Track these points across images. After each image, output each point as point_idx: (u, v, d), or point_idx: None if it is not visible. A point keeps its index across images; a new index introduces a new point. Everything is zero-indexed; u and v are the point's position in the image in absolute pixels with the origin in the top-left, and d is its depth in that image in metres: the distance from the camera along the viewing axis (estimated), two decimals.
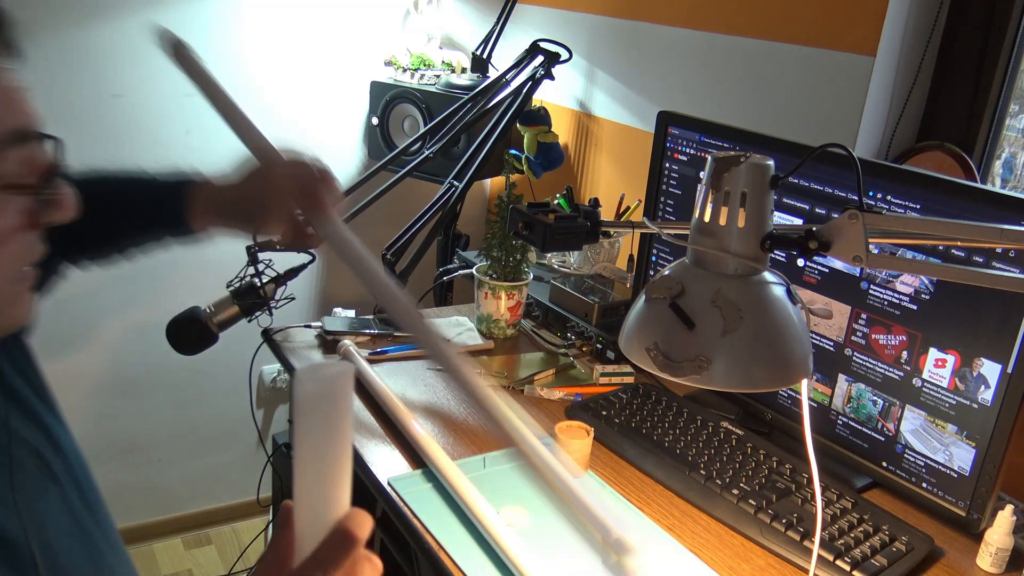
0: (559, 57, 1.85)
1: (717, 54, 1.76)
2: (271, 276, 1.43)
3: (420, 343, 0.55)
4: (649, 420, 1.29)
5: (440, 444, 1.20)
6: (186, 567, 2.36)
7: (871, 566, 1.00)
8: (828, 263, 1.21)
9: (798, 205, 1.23)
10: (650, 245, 1.49)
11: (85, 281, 2.09)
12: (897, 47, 1.48)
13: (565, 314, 1.61)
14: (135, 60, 1.97)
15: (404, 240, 1.60)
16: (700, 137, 1.37)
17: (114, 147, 2.02)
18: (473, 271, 1.60)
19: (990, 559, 1.05)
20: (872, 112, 1.50)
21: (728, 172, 0.73)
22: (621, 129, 2.05)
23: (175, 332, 1.36)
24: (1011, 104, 1.45)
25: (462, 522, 1.06)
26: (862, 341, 1.18)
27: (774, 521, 1.07)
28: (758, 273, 0.76)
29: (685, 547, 1.05)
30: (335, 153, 2.34)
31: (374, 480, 1.15)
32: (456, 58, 2.29)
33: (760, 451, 1.21)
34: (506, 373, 1.47)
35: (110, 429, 2.25)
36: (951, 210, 1.06)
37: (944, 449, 1.10)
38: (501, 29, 2.21)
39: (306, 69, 2.21)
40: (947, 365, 1.09)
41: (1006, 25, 1.41)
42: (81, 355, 2.15)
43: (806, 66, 1.57)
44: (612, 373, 1.46)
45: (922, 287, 1.10)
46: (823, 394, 1.24)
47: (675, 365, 0.74)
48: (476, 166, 1.69)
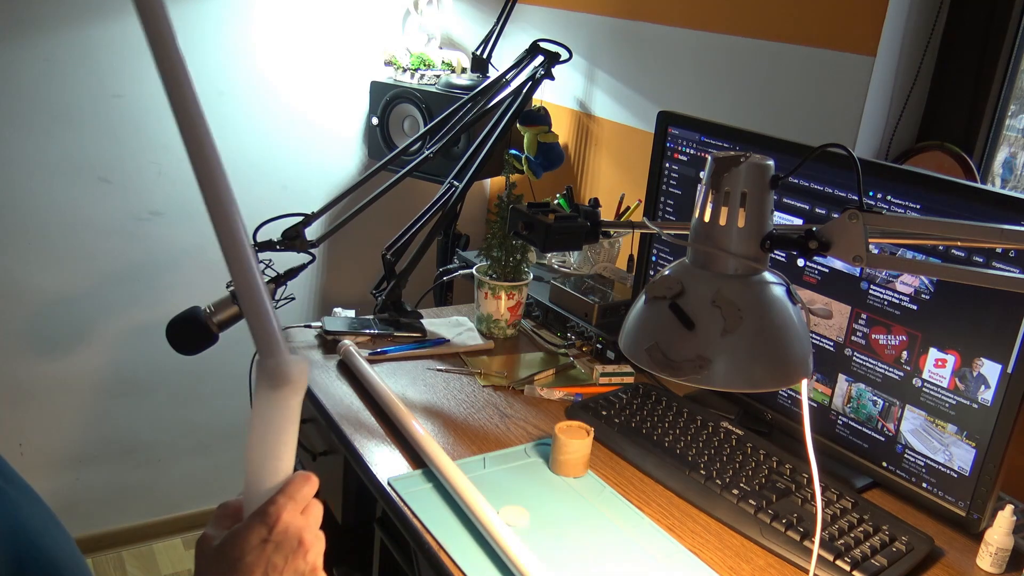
0: (559, 57, 1.84)
1: (718, 54, 1.76)
2: (271, 276, 1.43)
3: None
4: (649, 420, 1.29)
5: (440, 444, 1.20)
6: (186, 567, 2.36)
7: (871, 566, 1.00)
8: (828, 263, 1.21)
9: (798, 205, 1.23)
10: (650, 245, 1.49)
11: (85, 281, 2.11)
12: (897, 47, 1.48)
13: (565, 314, 1.61)
14: (135, 60, 1.98)
15: (404, 240, 1.60)
16: (700, 137, 1.37)
17: (114, 147, 2.02)
18: (473, 271, 1.60)
19: (990, 559, 1.05)
20: (872, 112, 1.50)
21: (728, 172, 0.74)
22: (621, 129, 2.05)
23: (175, 332, 1.36)
24: (1011, 104, 1.45)
25: (462, 522, 1.06)
26: (862, 341, 1.18)
27: (774, 521, 1.07)
28: (758, 273, 0.76)
29: (685, 547, 1.05)
30: (335, 153, 2.34)
31: (374, 480, 1.15)
32: (456, 58, 2.29)
33: (760, 451, 1.21)
34: (506, 373, 1.47)
35: (110, 429, 2.25)
36: (951, 210, 1.06)
37: (944, 449, 1.10)
38: (501, 29, 2.21)
39: (306, 69, 2.21)
40: (947, 365, 1.09)
41: (1006, 25, 1.41)
42: (81, 355, 2.15)
43: (806, 66, 1.57)
44: (612, 373, 1.46)
45: (922, 287, 1.10)
46: (823, 394, 1.24)
47: (675, 365, 0.74)
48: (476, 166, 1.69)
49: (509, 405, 1.37)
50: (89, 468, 2.26)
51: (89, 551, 2.31)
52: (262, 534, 0.64)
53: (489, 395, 1.40)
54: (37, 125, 1.93)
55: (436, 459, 1.14)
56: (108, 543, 2.36)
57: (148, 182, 2.09)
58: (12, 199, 1.95)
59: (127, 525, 2.38)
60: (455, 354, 1.53)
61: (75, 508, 2.26)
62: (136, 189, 2.08)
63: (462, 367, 1.48)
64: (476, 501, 1.05)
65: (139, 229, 2.12)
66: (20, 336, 2.06)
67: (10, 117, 1.89)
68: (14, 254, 1.99)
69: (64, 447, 2.20)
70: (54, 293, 2.07)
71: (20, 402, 2.11)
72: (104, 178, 2.04)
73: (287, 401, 0.64)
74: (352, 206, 1.59)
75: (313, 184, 2.32)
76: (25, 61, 1.87)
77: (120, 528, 2.37)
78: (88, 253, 2.08)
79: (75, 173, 2.00)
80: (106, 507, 2.32)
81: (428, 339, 1.55)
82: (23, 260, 2.01)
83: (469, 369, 1.48)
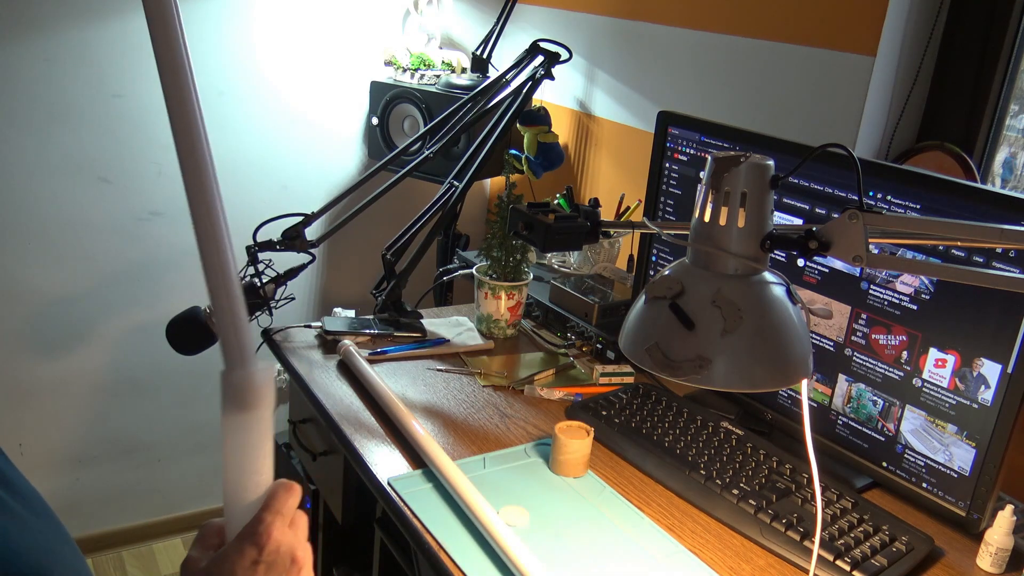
0: (559, 57, 1.84)
1: (717, 54, 1.76)
2: (271, 276, 1.43)
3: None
4: (649, 420, 1.29)
5: (440, 444, 1.20)
6: None
7: (871, 566, 1.00)
8: (828, 263, 1.21)
9: (798, 205, 1.23)
10: (650, 245, 1.49)
11: (85, 281, 2.11)
12: (897, 47, 1.48)
13: (565, 314, 1.61)
14: (135, 60, 1.98)
15: (404, 240, 1.60)
16: (700, 137, 1.37)
17: (114, 147, 2.02)
18: (473, 271, 1.60)
19: (990, 559, 1.05)
20: (872, 112, 1.50)
21: (728, 172, 0.74)
22: (621, 129, 2.05)
23: (175, 332, 1.36)
24: (1011, 104, 1.45)
25: (462, 522, 1.06)
26: (862, 341, 1.18)
27: (774, 521, 1.07)
28: (758, 273, 0.76)
29: (685, 547, 1.05)
30: (335, 153, 2.34)
31: (374, 480, 1.15)
32: (456, 58, 2.29)
33: (760, 451, 1.21)
34: (506, 373, 1.47)
35: (110, 429, 2.25)
36: (951, 210, 1.06)
37: (944, 449, 1.10)
38: (501, 29, 2.21)
39: (306, 69, 2.21)
40: (947, 365, 1.09)
41: (1006, 25, 1.41)
42: (81, 355, 2.15)
43: (806, 66, 1.57)
44: (612, 373, 1.46)
45: (922, 287, 1.10)
46: (823, 394, 1.24)
47: (675, 365, 0.74)
48: (476, 166, 1.69)
49: (509, 405, 1.37)
50: (89, 468, 2.26)
51: (89, 551, 2.31)
52: (252, 555, 0.61)
53: (489, 395, 1.40)
54: (37, 125, 1.93)
55: (436, 459, 1.14)
56: (108, 543, 2.36)
57: (148, 182, 2.09)
58: (12, 199, 1.95)
59: (127, 525, 2.38)
60: (455, 354, 1.53)
61: (75, 508, 2.26)
62: (136, 189, 2.08)
63: (462, 367, 1.48)
64: (476, 501, 1.05)
65: (139, 229, 2.12)
66: (20, 336, 2.06)
67: (10, 117, 1.89)
68: (14, 254, 1.99)
69: (64, 447, 2.21)
70: (54, 293, 2.07)
71: (20, 402, 2.11)
72: (104, 178, 2.04)
73: (259, 417, 0.61)
74: (352, 206, 1.59)
75: (313, 184, 2.32)
76: (25, 61, 1.87)
77: (120, 528, 2.37)
78: (88, 253, 2.08)
79: (75, 173, 2.00)
80: (106, 507, 2.32)
81: (428, 339, 1.55)
82: (23, 260, 2.01)
83: (469, 369, 1.48)
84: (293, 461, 2.03)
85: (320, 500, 1.62)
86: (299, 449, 1.58)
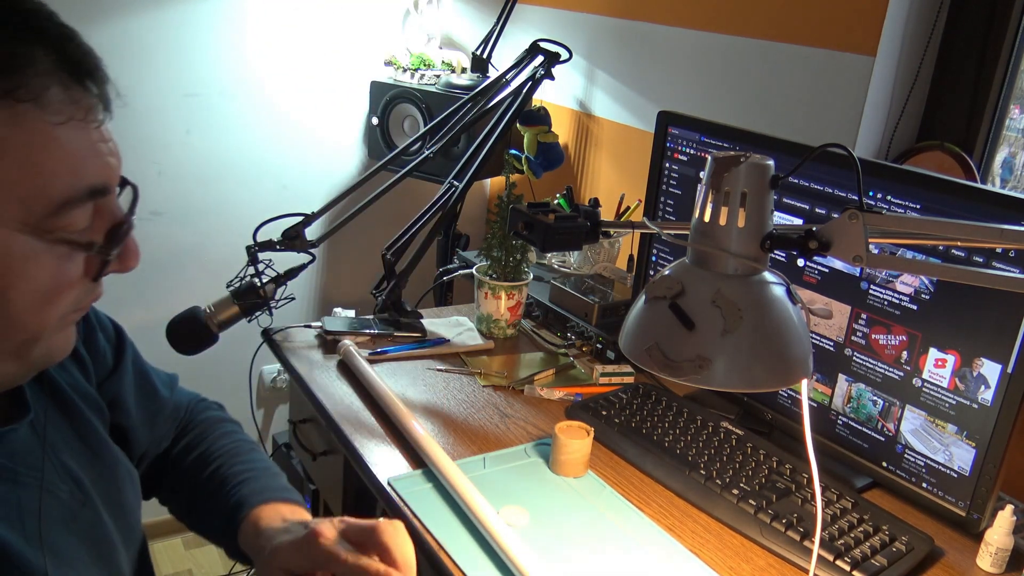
0: (559, 57, 1.84)
1: (717, 54, 1.76)
2: (271, 276, 1.43)
3: None
4: (649, 420, 1.29)
5: (440, 444, 1.20)
6: (186, 567, 2.36)
7: (871, 566, 1.00)
8: (828, 263, 1.21)
9: (798, 205, 1.23)
10: (650, 245, 1.49)
11: None
12: (897, 47, 1.48)
13: (565, 314, 1.61)
14: (135, 60, 1.98)
15: (404, 240, 1.60)
16: (700, 137, 1.37)
17: None
18: (473, 271, 1.60)
19: (990, 559, 1.05)
20: (872, 112, 1.50)
21: (728, 172, 0.73)
22: (621, 129, 2.05)
23: (175, 332, 1.36)
24: (1011, 104, 1.45)
25: (462, 522, 1.06)
26: (862, 341, 1.18)
27: (774, 521, 1.07)
28: (758, 273, 0.76)
29: (685, 547, 1.05)
30: (335, 153, 2.34)
31: (374, 480, 1.15)
32: (456, 58, 2.29)
33: (760, 451, 1.21)
34: (506, 373, 1.47)
35: None
36: (951, 210, 1.06)
37: (944, 449, 1.10)
38: (501, 29, 2.21)
39: (306, 69, 2.21)
40: (947, 365, 1.09)
41: (1006, 25, 1.41)
42: None
43: (806, 66, 1.57)
44: (612, 373, 1.46)
45: (922, 287, 1.10)
46: (823, 394, 1.24)
47: (675, 365, 0.74)
48: (476, 166, 1.69)
49: (509, 405, 1.37)
50: None
51: None
52: None
53: (489, 395, 1.40)
54: None
55: (436, 459, 1.14)
56: None
57: (148, 182, 2.09)
58: None
59: None
60: (455, 354, 1.53)
61: None
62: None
63: (462, 367, 1.48)
64: (476, 501, 1.05)
65: (139, 229, 2.09)
66: None
67: None
68: None
69: None
70: None
71: None
72: None
73: None
74: (352, 206, 1.59)
75: (313, 184, 2.32)
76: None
77: None
78: None
79: None
80: None
81: (428, 339, 1.55)
82: None
83: (469, 369, 1.48)
84: (293, 461, 2.03)
85: (320, 500, 1.62)
86: (299, 449, 1.58)
